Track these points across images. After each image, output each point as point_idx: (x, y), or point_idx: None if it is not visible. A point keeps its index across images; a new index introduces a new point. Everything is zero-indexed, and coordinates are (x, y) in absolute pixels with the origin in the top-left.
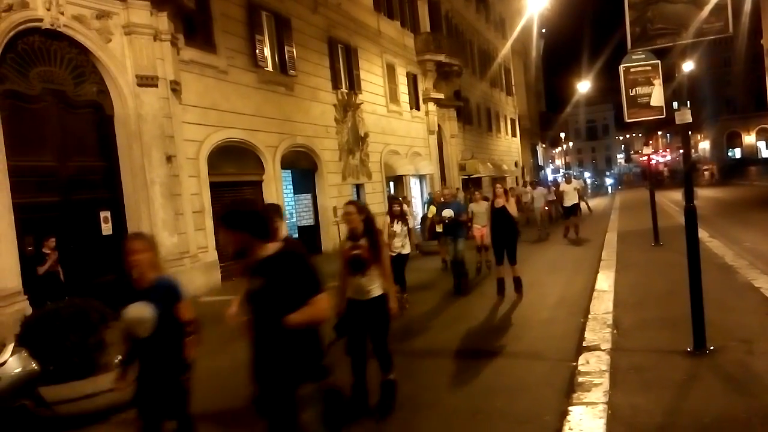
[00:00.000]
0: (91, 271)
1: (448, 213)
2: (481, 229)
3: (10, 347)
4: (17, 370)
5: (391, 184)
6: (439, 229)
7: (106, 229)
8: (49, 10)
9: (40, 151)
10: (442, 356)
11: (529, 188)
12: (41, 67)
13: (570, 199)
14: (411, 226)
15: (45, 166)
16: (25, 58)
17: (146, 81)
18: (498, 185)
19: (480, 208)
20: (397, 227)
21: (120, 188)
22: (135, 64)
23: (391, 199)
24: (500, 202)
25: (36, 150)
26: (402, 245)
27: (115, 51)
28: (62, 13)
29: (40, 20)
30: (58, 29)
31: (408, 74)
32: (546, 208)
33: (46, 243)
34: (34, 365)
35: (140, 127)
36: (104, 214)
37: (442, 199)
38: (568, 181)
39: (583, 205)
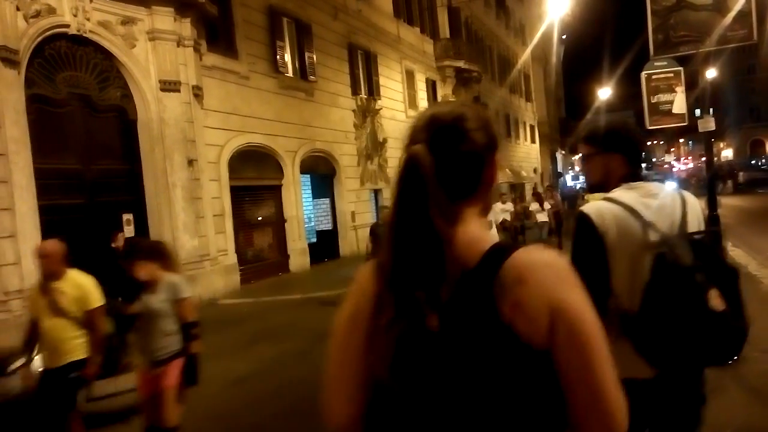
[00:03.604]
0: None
1: None
2: None
3: (37, 346)
4: (41, 369)
5: None
6: None
7: (129, 231)
8: (75, 16)
9: (65, 154)
10: None
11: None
12: (67, 72)
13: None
14: None
15: (70, 168)
16: (52, 63)
17: (169, 86)
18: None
19: None
20: None
21: (142, 191)
22: (158, 69)
23: None
24: None
25: (61, 153)
26: None
27: (139, 56)
28: (88, 19)
29: (67, 26)
30: (84, 35)
31: (427, 80)
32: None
33: (115, 237)
34: None
35: (163, 131)
36: (126, 217)
37: None
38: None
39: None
